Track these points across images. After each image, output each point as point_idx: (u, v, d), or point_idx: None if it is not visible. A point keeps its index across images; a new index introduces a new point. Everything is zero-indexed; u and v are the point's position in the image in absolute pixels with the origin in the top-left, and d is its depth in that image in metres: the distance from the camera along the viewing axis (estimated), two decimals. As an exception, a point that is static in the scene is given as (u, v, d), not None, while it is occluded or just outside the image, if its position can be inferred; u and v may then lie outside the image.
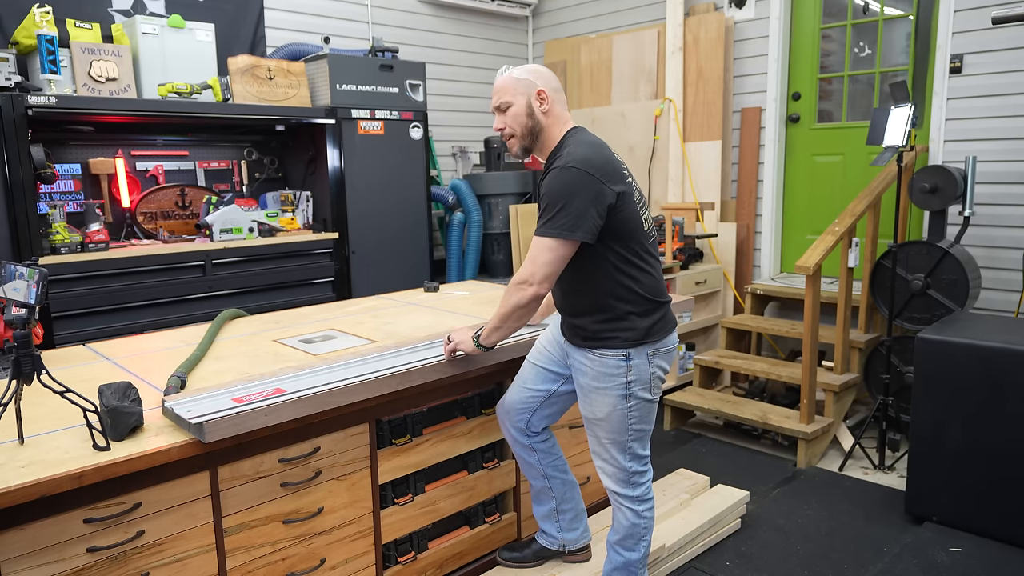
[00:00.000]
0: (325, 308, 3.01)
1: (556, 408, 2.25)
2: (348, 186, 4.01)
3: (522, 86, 1.99)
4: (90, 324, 3.21)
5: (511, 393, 2.27)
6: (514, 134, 2.01)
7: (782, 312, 4.53)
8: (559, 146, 1.99)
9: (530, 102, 1.98)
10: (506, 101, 2.00)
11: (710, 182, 4.66)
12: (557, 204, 1.84)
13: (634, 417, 1.99)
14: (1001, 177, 3.61)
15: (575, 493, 2.37)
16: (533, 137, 2.01)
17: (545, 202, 1.89)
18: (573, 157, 1.88)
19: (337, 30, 4.65)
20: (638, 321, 1.95)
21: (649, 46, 4.90)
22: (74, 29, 3.34)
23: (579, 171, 1.85)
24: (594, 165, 1.87)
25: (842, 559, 2.68)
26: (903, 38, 4.08)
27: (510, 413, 2.25)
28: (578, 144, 1.93)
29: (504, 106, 2.00)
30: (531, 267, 1.88)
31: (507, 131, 2.02)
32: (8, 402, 1.51)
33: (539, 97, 1.98)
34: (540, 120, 1.99)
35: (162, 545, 1.64)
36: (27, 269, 1.55)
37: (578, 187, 1.84)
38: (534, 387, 2.21)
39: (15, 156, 2.98)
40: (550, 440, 2.30)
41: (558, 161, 1.91)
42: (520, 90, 1.99)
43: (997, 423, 2.67)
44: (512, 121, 2.00)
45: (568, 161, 1.87)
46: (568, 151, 1.91)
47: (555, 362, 2.19)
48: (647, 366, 1.97)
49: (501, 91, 2.01)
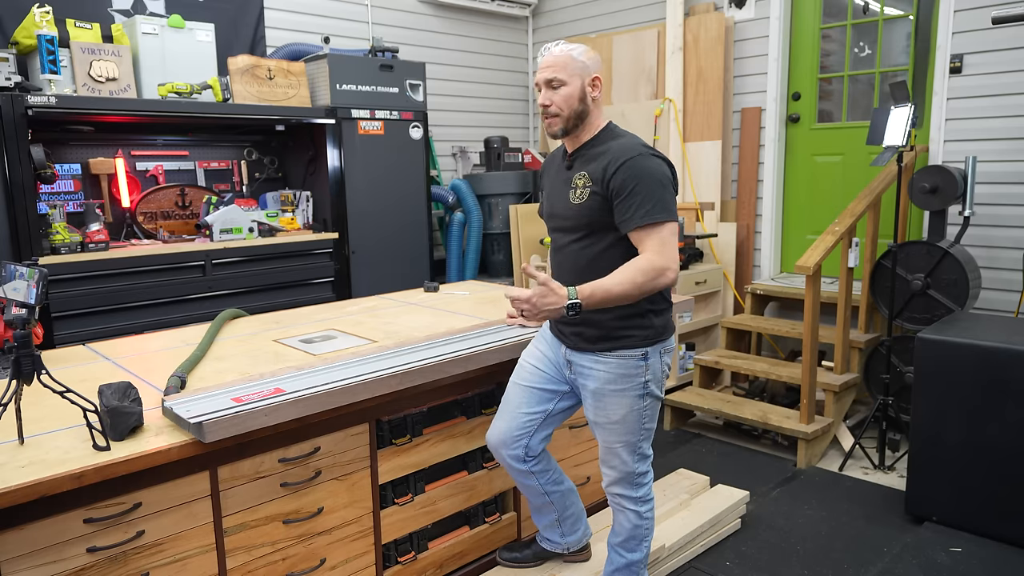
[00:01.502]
0: (325, 308, 3.01)
1: (552, 428, 2.17)
2: (348, 186, 4.01)
3: (579, 68, 1.91)
4: (90, 324, 3.21)
5: (502, 422, 2.15)
6: (560, 114, 1.92)
7: (782, 312, 4.53)
8: (606, 133, 1.96)
9: (584, 87, 1.92)
10: (560, 79, 1.90)
11: (710, 182, 4.66)
12: (652, 190, 1.83)
13: (647, 416, 1.99)
14: (1001, 177, 3.61)
15: (574, 499, 2.33)
16: (578, 121, 1.94)
17: (646, 186, 1.82)
18: (644, 146, 1.90)
19: (337, 30, 4.65)
20: (655, 319, 1.96)
21: (649, 46, 4.90)
22: (74, 29, 3.34)
23: (657, 159, 1.88)
24: (661, 155, 1.92)
25: (842, 559, 2.68)
26: (903, 38, 4.08)
27: (506, 443, 2.13)
28: (632, 135, 1.96)
29: (557, 83, 1.90)
30: (670, 252, 1.81)
31: (553, 109, 1.92)
32: (8, 402, 1.51)
33: (593, 84, 1.93)
34: (589, 107, 1.94)
35: (162, 545, 1.64)
36: (27, 269, 1.55)
37: (664, 173, 1.88)
38: (529, 410, 2.11)
39: (15, 156, 2.98)
40: (545, 458, 2.20)
41: (627, 151, 1.87)
42: (577, 72, 1.91)
43: (997, 423, 2.67)
44: (562, 101, 1.91)
45: (644, 150, 1.88)
46: (632, 140, 1.92)
47: (549, 379, 2.10)
48: (660, 364, 1.98)
49: (557, 67, 1.90)
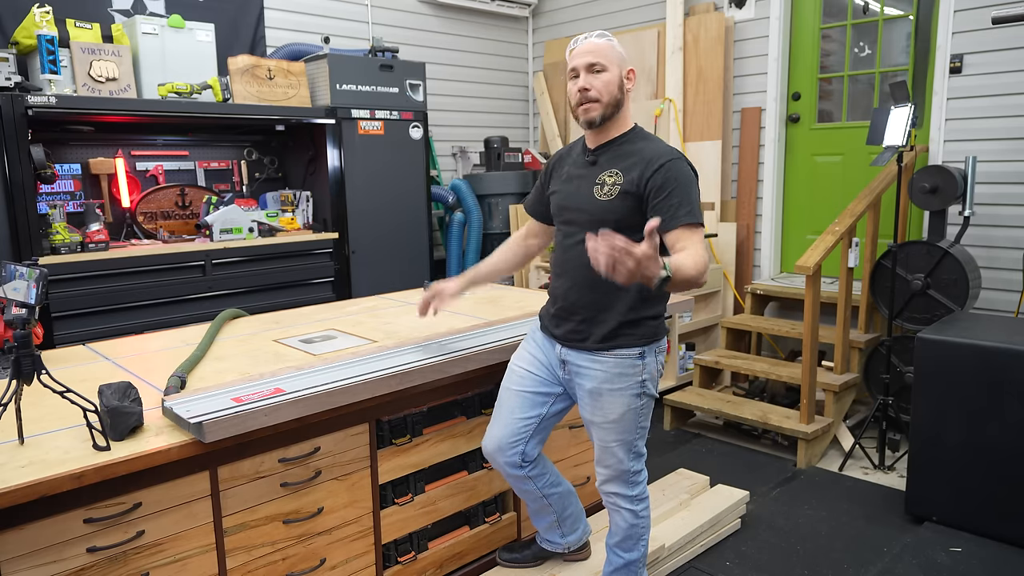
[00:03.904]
0: (325, 308, 3.01)
1: (548, 432, 2.17)
2: (348, 186, 4.01)
3: (618, 58, 1.92)
4: (90, 324, 3.21)
5: (497, 428, 2.13)
6: (600, 99, 1.91)
7: (782, 312, 4.53)
8: (636, 134, 1.98)
9: (623, 76, 1.93)
10: (603, 64, 1.89)
11: (710, 182, 4.66)
12: (691, 193, 1.86)
13: (643, 415, 2.00)
14: (1001, 177, 3.61)
15: (572, 499, 2.33)
16: (615, 109, 1.94)
17: (683, 190, 1.84)
18: (677, 152, 1.92)
19: (337, 30, 4.65)
20: (650, 321, 1.98)
21: (649, 46, 4.90)
22: (74, 29, 3.34)
23: (689, 165, 1.91)
24: None
25: (842, 559, 2.68)
26: (903, 38, 4.08)
27: (502, 450, 2.12)
28: (661, 141, 1.97)
29: (599, 68, 1.89)
30: (705, 254, 1.78)
31: (593, 93, 1.90)
32: (8, 402, 1.51)
33: (629, 76, 1.95)
34: (625, 97, 1.95)
35: (162, 545, 1.64)
36: (27, 269, 1.54)
37: (695, 180, 1.90)
38: (523, 415, 2.10)
39: (15, 156, 2.98)
40: (541, 462, 2.20)
41: (663, 155, 1.88)
42: (616, 60, 1.92)
43: (997, 423, 2.67)
44: (603, 87, 1.90)
45: (677, 155, 1.90)
46: (661, 146, 1.93)
47: (542, 382, 2.09)
48: (655, 363, 1.99)
49: (598, 52, 1.90)
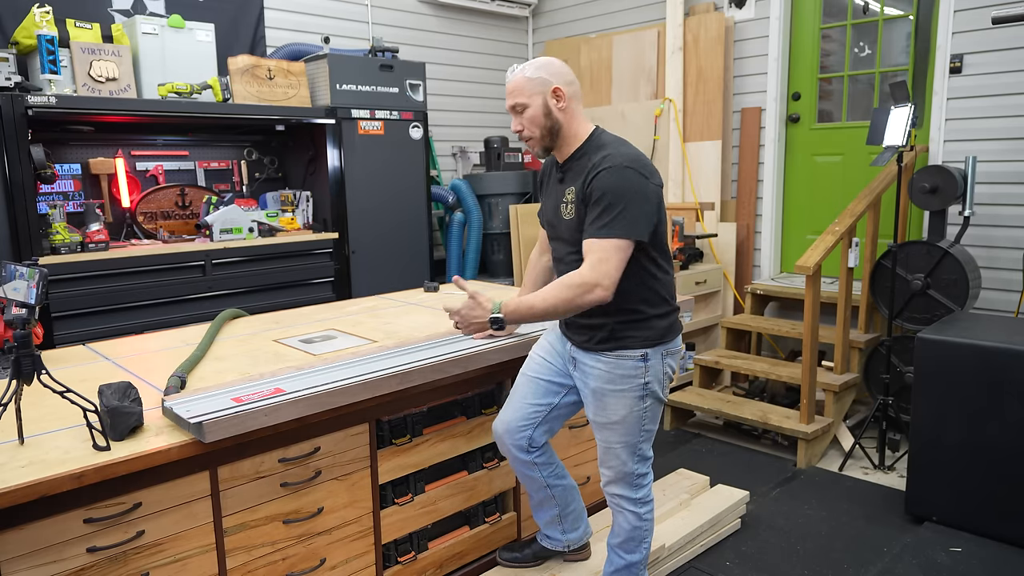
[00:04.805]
0: (325, 308, 3.01)
1: (558, 422, 2.19)
2: (348, 186, 4.01)
3: (537, 85, 1.90)
4: (90, 324, 3.21)
5: (509, 411, 2.18)
6: (533, 136, 1.93)
7: (782, 312, 4.53)
8: (592, 143, 1.93)
9: (547, 101, 1.90)
10: (521, 103, 1.91)
11: (710, 182, 4.66)
12: (619, 203, 1.79)
13: (647, 418, 1.99)
14: (1001, 177, 3.61)
15: (576, 496, 2.34)
16: (553, 136, 1.93)
17: (606, 202, 1.80)
18: (624, 156, 1.84)
19: (337, 30, 4.65)
20: (657, 322, 1.95)
21: (649, 46, 4.90)
22: (74, 29, 3.34)
23: (635, 171, 1.82)
24: (644, 165, 1.86)
25: (842, 559, 2.68)
26: (903, 38, 4.08)
27: (511, 432, 2.16)
28: (619, 143, 1.90)
29: (520, 107, 1.92)
30: (604, 268, 1.78)
31: (525, 133, 1.94)
32: (8, 402, 1.51)
33: (555, 95, 1.90)
34: (559, 119, 1.92)
35: (162, 545, 1.64)
36: (27, 269, 1.54)
37: (637, 186, 1.82)
38: (535, 402, 2.13)
39: (15, 156, 2.98)
40: (548, 451, 2.23)
41: (607, 160, 1.84)
42: (535, 90, 1.90)
43: (997, 423, 2.67)
44: (530, 124, 1.92)
45: (622, 161, 1.83)
46: (613, 150, 1.87)
47: (556, 372, 2.13)
48: (661, 366, 1.97)
49: (515, 92, 1.91)
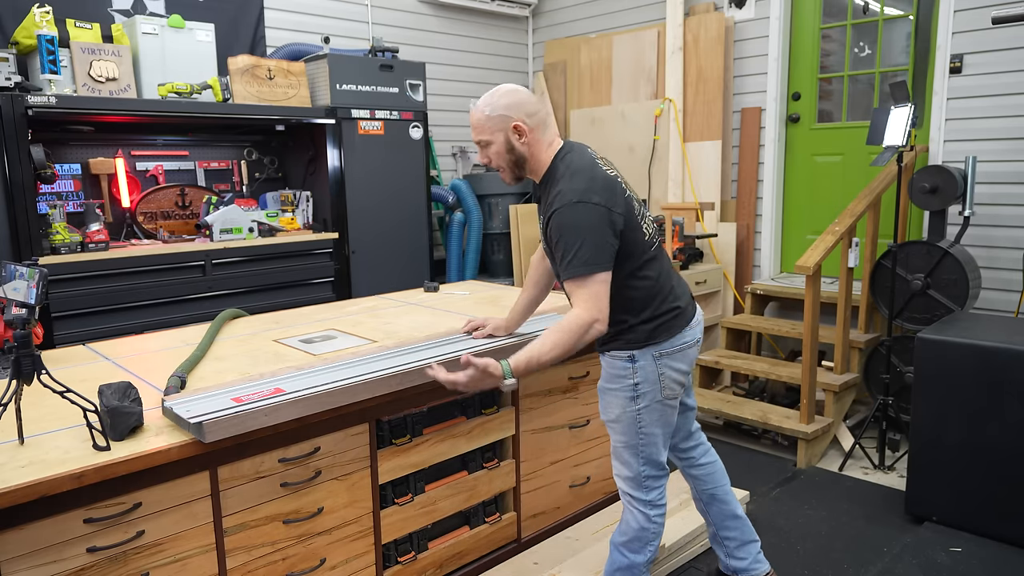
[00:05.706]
0: (325, 308, 3.01)
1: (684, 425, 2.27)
2: (348, 186, 4.01)
3: (496, 123, 1.94)
4: (90, 324, 3.21)
5: None
6: (501, 167, 2.00)
7: (782, 312, 4.53)
8: (552, 173, 1.96)
9: (508, 138, 1.94)
10: (484, 139, 1.97)
11: (710, 182, 4.66)
12: (577, 240, 1.81)
13: (643, 420, 1.98)
14: (1001, 177, 3.61)
15: (738, 524, 2.31)
16: (519, 167, 1.99)
17: (564, 242, 1.83)
18: (575, 191, 1.85)
19: (337, 30, 4.65)
20: (642, 327, 1.96)
21: (649, 46, 4.90)
22: (74, 29, 3.34)
23: (586, 204, 1.83)
24: (597, 193, 1.85)
25: (842, 559, 2.68)
26: (903, 38, 4.08)
27: None
28: (572, 175, 1.89)
29: (484, 143, 1.98)
30: (594, 303, 1.82)
31: (493, 164, 2.01)
32: (8, 402, 1.51)
33: (516, 131, 1.93)
34: (523, 152, 1.96)
35: (162, 545, 1.64)
36: (27, 269, 1.54)
37: (589, 220, 1.83)
38: None
39: (15, 156, 2.98)
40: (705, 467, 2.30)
41: (559, 198, 1.86)
42: (496, 127, 1.94)
43: (997, 423, 2.67)
44: (495, 158, 1.98)
45: (571, 197, 1.84)
46: (564, 185, 1.88)
47: None
48: (654, 367, 1.96)
49: (478, 129, 1.97)
